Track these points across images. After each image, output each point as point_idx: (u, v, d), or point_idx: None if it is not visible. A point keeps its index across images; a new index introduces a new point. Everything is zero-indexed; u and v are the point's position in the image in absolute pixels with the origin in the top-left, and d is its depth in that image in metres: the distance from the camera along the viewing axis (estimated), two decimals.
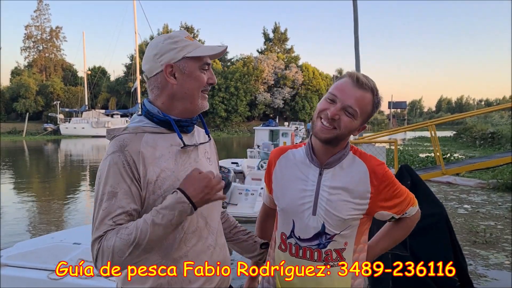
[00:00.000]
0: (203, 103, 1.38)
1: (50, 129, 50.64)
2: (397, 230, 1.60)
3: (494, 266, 4.99)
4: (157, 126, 1.34)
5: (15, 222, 8.52)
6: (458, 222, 7.17)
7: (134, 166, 1.23)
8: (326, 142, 1.41)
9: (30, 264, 2.80)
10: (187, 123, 1.38)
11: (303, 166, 1.50)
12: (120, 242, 1.13)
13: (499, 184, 10.23)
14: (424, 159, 16.19)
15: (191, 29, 69.68)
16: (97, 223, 1.19)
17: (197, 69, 1.33)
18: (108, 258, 1.14)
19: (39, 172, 18.11)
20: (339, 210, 1.42)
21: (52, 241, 3.20)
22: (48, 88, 58.73)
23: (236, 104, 60.10)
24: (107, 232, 1.17)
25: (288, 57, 69.48)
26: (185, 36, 1.36)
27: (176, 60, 1.32)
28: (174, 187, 1.26)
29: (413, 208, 1.56)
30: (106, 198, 1.20)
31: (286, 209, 1.50)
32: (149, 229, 1.15)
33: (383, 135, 10.64)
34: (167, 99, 1.35)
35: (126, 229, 1.16)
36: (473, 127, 29.42)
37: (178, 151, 1.33)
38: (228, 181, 8.28)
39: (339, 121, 1.37)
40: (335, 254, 1.45)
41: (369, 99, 1.40)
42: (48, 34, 69.23)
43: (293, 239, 1.48)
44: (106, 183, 1.22)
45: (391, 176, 1.47)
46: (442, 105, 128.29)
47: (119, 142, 1.26)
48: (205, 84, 1.36)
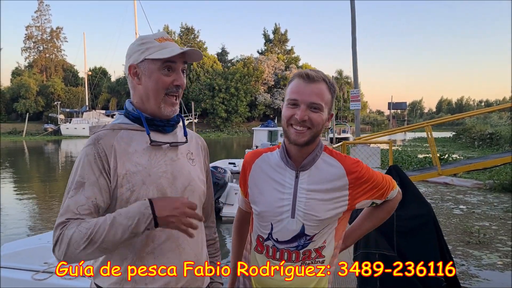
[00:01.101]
0: (166, 108, 1.36)
1: (51, 129, 50.79)
2: (380, 212, 1.61)
3: (486, 267, 4.98)
4: (133, 124, 1.37)
5: (12, 223, 8.53)
6: (453, 222, 7.16)
7: (106, 159, 1.26)
8: (306, 144, 1.41)
9: (15, 264, 2.81)
10: (162, 123, 1.38)
11: (279, 169, 1.50)
12: (77, 235, 1.14)
13: (495, 185, 10.23)
14: (422, 159, 16.20)
15: (191, 30, 69.78)
16: (63, 210, 1.21)
17: (156, 71, 1.33)
18: (65, 247, 1.15)
19: (39, 172, 18.14)
20: (317, 210, 1.42)
21: (39, 242, 3.21)
22: (48, 88, 58.91)
23: (236, 104, 60.17)
24: (70, 220, 1.18)
25: (288, 58, 69.60)
26: (157, 37, 1.37)
27: (138, 62, 1.35)
28: (144, 182, 1.28)
29: (394, 191, 1.57)
30: (73, 187, 1.23)
31: (263, 213, 1.49)
32: (106, 228, 1.15)
33: (381, 135, 10.65)
34: (139, 98, 1.38)
35: (87, 223, 1.17)
36: (472, 128, 29.43)
37: (153, 148, 1.34)
38: (224, 181, 8.29)
39: (310, 120, 1.38)
40: (315, 253, 1.45)
41: (324, 88, 1.41)
42: (49, 34, 69.53)
43: (271, 241, 1.48)
44: (76, 173, 1.25)
45: (367, 171, 1.47)
46: (443, 106, 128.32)
47: (94, 136, 1.30)
48: (167, 86, 1.35)
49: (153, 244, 1.31)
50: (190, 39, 68.58)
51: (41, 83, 61.15)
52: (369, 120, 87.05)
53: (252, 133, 22.32)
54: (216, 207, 8.24)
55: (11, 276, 2.71)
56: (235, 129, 60.73)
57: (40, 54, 68.82)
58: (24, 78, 58.14)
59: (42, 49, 69.12)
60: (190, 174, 1.42)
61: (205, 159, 1.58)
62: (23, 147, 34.73)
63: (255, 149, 1.66)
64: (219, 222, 8.07)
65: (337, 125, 35.98)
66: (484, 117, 35.06)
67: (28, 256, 2.94)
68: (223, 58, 72.95)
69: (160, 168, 1.33)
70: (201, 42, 70.31)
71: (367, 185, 1.47)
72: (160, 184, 1.31)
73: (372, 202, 1.53)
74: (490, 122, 32.89)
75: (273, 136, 19.63)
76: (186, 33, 69.17)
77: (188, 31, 69.75)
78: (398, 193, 1.62)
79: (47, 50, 69.34)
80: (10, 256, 2.94)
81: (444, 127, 59.72)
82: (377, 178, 1.50)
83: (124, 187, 1.27)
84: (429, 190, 10.57)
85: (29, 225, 8.60)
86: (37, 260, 2.85)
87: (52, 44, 69.78)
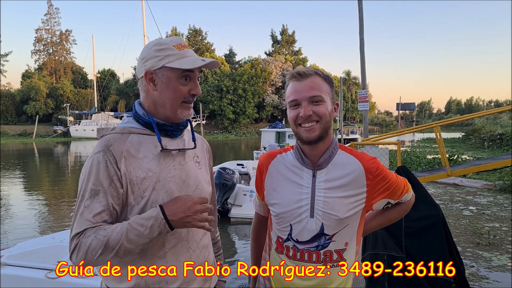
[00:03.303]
0: (182, 113, 1.38)
1: (60, 131, 51.29)
2: (392, 212, 1.61)
3: (496, 268, 4.95)
4: (143, 128, 1.37)
5: (23, 223, 8.64)
6: (462, 223, 7.11)
7: (117, 165, 1.27)
8: (319, 139, 1.41)
9: (30, 263, 2.85)
10: (172, 128, 1.40)
11: (296, 169, 1.49)
12: (95, 242, 1.18)
13: (505, 186, 10.12)
14: (431, 160, 16.09)
15: (199, 32, 69.94)
16: (78, 219, 1.23)
17: (174, 80, 1.34)
18: (83, 254, 1.19)
19: (48, 174, 18.31)
20: (336, 209, 1.41)
21: (53, 241, 3.26)
22: (58, 90, 59.43)
23: (244, 106, 60.18)
24: (86, 230, 1.21)
25: (296, 59, 69.43)
26: (176, 44, 1.36)
27: (156, 68, 1.33)
28: (154, 188, 1.29)
29: (408, 194, 1.57)
30: (88, 196, 1.24)
31: (282, 214, 1.48)
32: (123, 235, 1.19)
33: (389, 136, 10.61)
34: (151, 103, 1.38)
35: (104, 230, 1.20)
36: (481, 129, 29.11)
37: (162, 153, 1.35)
38: (232, 183, 8.31)
39: (315, 114, 1.39)
40: (336, 255, 1.44)
41: (319, 80, 1.42)
42: (58, 37, 70.19)
43: (291, 242, 1.47)
44: (88, 180, 1.26)
45: (384, 169, 1.47)
46: (452, 106, 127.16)
47: (104, 142, 1.30)
48: (185, 95, 1.36)
49: (164, 248, 1.33)
50: (198, 40, 68.79)
51: (51, 85, 61.68)
52: (378, 121, 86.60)
53: (260, 134, 22.35)
54: (225, 208, 8.28)
55: (25, 274, 2.75)
56: (243, 130, 60.71)
57: (49, 56, 69.46)
58: (34, 81, 58.71)
59: (51, 51, 69.77)
60: (197, 177, 1.45)
61: (209, 161, 1.61)
62: (33, 149, 35.06)
63: (269, 151, 1.65)
64: (228, 223, 8.11)
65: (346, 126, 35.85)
66: (494, 118, 34.68)
67: (42, 255, 2.98)
68: (230, 59, 73.01)
69: (169, 173, 1.34)
70: (209, 44, 70.51)
71: (384, 183, 1.47)
72: (170, 188, 1.33)
73: (387, 202, 1.52)
74: (500, 123, 32.52)
75: (281, 137, 19.65)
76: (194, 34, 69.40)
77: (196, 32, 69.96)
78: (412, 197, 1.63)
79: (57, 53, 69.98)
80: (24, 254, 3.00)
81: (454, 127, 59.19)
82: (393, 177, 1.50)
83: (135, 193, 1.28)
84: (438, 191, 10.50)
85: (41, 225, 8.70)
86: (50, 258, 2.90)
87: (61, 46, 70.43)
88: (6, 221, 8.83)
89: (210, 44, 70.72)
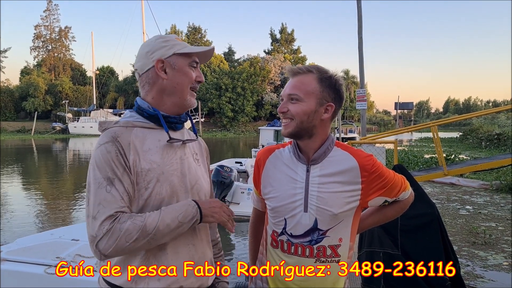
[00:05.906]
0: (191, 100, 1.44)
1: (59, 128, 51.18)
2: (389, 210, 1.60)
3: (492, 267, 4.99)
4: (147, 121, 1.39)
5: (22, 219, 8.67)
6: (459, 223, 7.16)
7: (125, 156, 1.29)
8: (292, 136, 1.46)
9: (29, 259, 2.87)
10: (175, 119, 1.43)
11: (291, 164, 1.51)
12: (132, 226, 1.20)
13: (502, 186, 10.17)
14: (428, 160, 16.14)
15: (198, 30, 69.84)
16: (103, 204, 1.22)
17: (186, 65, 1.41)
18: (115, 239, 1.19)
19: (47, 171, 18.30)
20: (330, 204, 1.42)
21: (51, 237, 3.29)
22: (57, 87, 59.34)
23: (243, 104, 60.13)
24: (119, 214, 1.23)
25: (295, 58, 69.39)
26: (175, 38, 1.45)
27: (167, 56, 1.39)
28: (158, 179, 1.32)
29: (406, 192, 1.57)
30: (106, 183, 1.24)
31: (277, 208, 1.50)
32: (159, 218, 1.24)
33: (387, 135, 10.64)
34: (157, 94, 1.40)
35: (140, 216, 1.24)
36: (479, 128, 29.17)
37: (165, 146, 1.38)
38: (230, 180, 8.32)
39: (290, 111, 1.43)
40: (330, 250, 1.45)
41: (309, 78, 1.43)
42: (57, 34, 70.00)
43: (285, 236, 1.49)
44: (101, 169, 1.26)
45: (380, 167, 1.47)
46: (450, 106, 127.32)
47: (111, 133, 1.31)
48: (193, 81, 1.43)
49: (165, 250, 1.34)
50: (197, 38, 68.66)
51: (50, 82, 61.57)
52: (376, 120, 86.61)
53: (258, 132, 22.36)
54: None
55: (24, 270, 2.78)
56: (242, 128, 60.67)
57: (48, 53, 69.28)
58: (33, 77, 58.55)
59: (50, 48, 69.56)
60: (197, 173, 1.47)
61: (207, 160, 1.65)
62: (32, 145, 35.02)
63: (268, 146, 1.66)
64: None
65: (344, 125, 35.88)
66: (491, 118, 34.75)
67: (41, 250, 3.01)
68: (229, 57, 72.88)
69: (171, 166, 1.37)
70: (208, 42, 70.33)
71: (380, 181, 1.45)
72: (172, 181, 1.35)
73: (384, 200, 1.52)
74: (498, 123, 32.58)
75: (279, 135, 19.63)
76: (193, 32, 69.24)
77: (195, 30, 69.84)
78: (411, 195, 1.62)
79: (56, 49, 69.77)
80: (23, 250, 3.02)
81: (451, 127, 59.37)
82: (390, 175, 1.49)
83: (140, 185, 1.30)
84: (435, 190, 10.55)
85: (40, 221, 8.73)
86: (49, 254, 2.92)
87: (60, 43, 70.21)
88: (5, 217, 8.86)
89: (210, 42, 70.52)
